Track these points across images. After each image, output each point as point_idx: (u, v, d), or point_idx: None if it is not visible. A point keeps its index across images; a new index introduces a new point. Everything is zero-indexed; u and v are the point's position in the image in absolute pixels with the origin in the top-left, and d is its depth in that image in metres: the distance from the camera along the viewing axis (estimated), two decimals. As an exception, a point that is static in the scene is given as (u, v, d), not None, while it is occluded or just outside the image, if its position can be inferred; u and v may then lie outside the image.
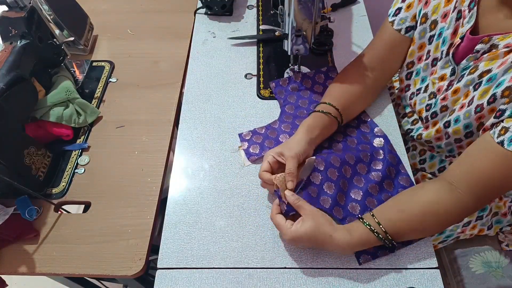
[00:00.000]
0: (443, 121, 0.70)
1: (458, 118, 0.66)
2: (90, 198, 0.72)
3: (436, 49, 0.71)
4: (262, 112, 0.83)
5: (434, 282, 0.61)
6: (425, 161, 0.81)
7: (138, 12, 1.08)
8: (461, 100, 0.66)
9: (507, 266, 0.80)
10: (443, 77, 0.69)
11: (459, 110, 0.66)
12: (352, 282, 0.61)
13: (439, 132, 0.72)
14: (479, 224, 0.81)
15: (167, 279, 0.62)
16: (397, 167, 0.73)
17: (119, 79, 0.92)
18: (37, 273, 0.65)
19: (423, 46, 0.74)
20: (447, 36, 0.67)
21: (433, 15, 0.70)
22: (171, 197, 0.71)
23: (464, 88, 0.65)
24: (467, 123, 0.65)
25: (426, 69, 0.74)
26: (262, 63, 0.93)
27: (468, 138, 0.67)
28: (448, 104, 0.69)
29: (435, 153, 0.79)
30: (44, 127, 0.77)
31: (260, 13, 1.05)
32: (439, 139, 0.73)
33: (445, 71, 0.69)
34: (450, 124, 0.68)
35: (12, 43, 0.71)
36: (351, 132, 0.79)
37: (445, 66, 0.69)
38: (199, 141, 0.79)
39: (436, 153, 0.79)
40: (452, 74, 0.67)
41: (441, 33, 0.69)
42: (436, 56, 0.71)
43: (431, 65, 0.73)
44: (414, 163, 0.83)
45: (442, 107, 0.70)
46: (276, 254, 0.64)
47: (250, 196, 0.71)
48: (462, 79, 0.65)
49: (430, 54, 0.72)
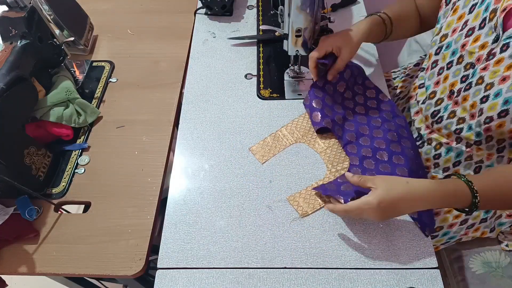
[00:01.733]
0: (479, 96, 0.66)
1: (500, 92, 0.62)
2: (90, 198, 0.72)
3: (476, 18, 0.68)
4: (262, 112, 0.83)
5: (434, 282, 0.61)
6: (440, 156, 0.78)
7: (138, 12, 1.08)
8: (501, 73, 0.62)
9: (507, 266, 0.80)
10: (484, 46, 0.66)
11: (500, 83, 0.62)
12: (352, 282, 0.61)
13: (473, 107, 0.67)
14: (482, 226, 0.81)
15: (167, 279, 0.62)
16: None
17: (119, 79, 0.92)
18: (37, 273, 0.65)
19: (462, 16, 0.72)
20: (491, 1, 0.65)
21: None
22: (171, 197, 0.71)
23: (508, 59, 0.61)
24: (507, 98, 0.61)
25: (459, 40, 0.71)
26: (262, 63, 0.93)
27: (501, 118, 0.63)
28: (485, 76, 0.65)
29: (454, 144, 0.75)
30: (44, 127, 0.77)
31: (260, 13, 1.05)
32: (473, 116, 0.68)
33: (487, 39, 0.65)
34: (488, 99, 0.64)
35: (12, 43, 0.71)
36: (373, 113, 0.82)
37: (489, 34, 0.65)
38: (199, 141, 0.79)
39: (455, 145, 0.75)
40: (494, 41, 0.64)
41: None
42: (473, 25, 0.68)
43: (465, 35, 0.70)
44: (427, 159, 0.80)
45: (479, 79, 0.66)
46: (276, 254, 0.64)
47: (250, 196, 0.71)
48: (507, 49, 0.61)
49: (467, 24, 0.70)
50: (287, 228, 0.67)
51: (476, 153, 0.73)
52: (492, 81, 0.64)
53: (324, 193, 0.68)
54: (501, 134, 0.66)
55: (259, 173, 0.73)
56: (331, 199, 0.66)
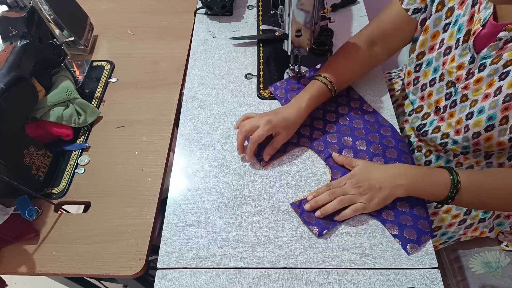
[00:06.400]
0: (465, 112, 0.68)
1: (483, 109, 0.64)
2: (90, 198, 0.72)
3: (451, 37, 0.69)
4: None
5: (434, 282, 0.61)
6: (431, 162, 0.80)
7: (138, 12, 1.08)
8: (483, 90, 0.64)
9: (507, 266, 0.80)
10: (461, 66, 0.67)
11: (483, 100, 0.64)
12: (352, 282, 0.61)
13: (459, 123, 0.69)
14: (481, 226, 0.81)
15: (167, 279, 0.62)
16: (410, 155, 0.75)
17: (119, 79, 0.92)
18: (37, 273, 0.65)
19: (436, 35, 0.73)
20: (463, 23, 0.66)
21: (450, 2, 0.69)
22: (171, 197, 0.71)
23: (487, 77, 0.63)
24: (491, 114, 0.63)
25: (439, 58, 0.72)
26: (262, 63, 0.93)
27: (488, 132, 0.65)
28: (468, 93, 0.66)
29: (442, 153, 0.77)
30: (44, 127, 0.77)
31: (260, 13, 1.05)
32: (458, 132, 0.70)
33: (463, 60, 0.67)
34: (473, 115, 0.66)
35: (12, 43, 0.71)
36: (357, 124, 0.79)
37: (463, 54, 0.67)
38: (199, 141, 0.79)
39: (443, 153, 0.77)
40: (471, 62, 0.65)
41: (456, 20, 0.68)
42: (450, 44, 0.69)
43: (443, 54, 0.71)
44: (418, 164, 0.82)
45: (462, 96, 0.68)
46: (276, 254, 0.64)
47: (250, 196, 0.71)
48: (484, 68, 0.63)
49: (443, 43, 0.71)
50: (287, 228, 0.67)
51: (464, 161, 0.75)
52: (476, 98, 0.66)
53: (301, 216, 0.67)
54: (489, 147, 0.67)
55: (259, 173, 0.73)
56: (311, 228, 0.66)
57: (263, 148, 0.73)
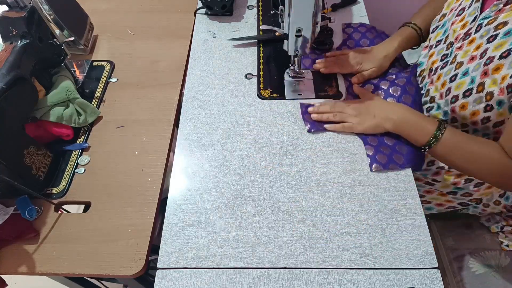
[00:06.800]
0: (450, 75, 0.69)
1: (467, 71, 0.65)
2: (90, 198, 0.72)
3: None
4: (262, 112, 0.83)
5: (434, 282, 0.61)
6: None
7: (138, 12, 1.08)
8: (470, 52, 0.65)
9: (507, 266, 0.80)
10: (465, 25, 0.69)
11: (469, 62, 0.65)
12: (352, 282, 0.61)
13: (443, 86, 0.71)
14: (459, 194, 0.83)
15: (167, 279, 0.62)
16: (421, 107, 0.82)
17: (119, 79, 0.92)
18: (37, 273, 0.65)
19: None
20: None
21: None
22: (171, 197, 0.71)
23: (479, 39, 0.64)
24: (473, 77, 0.64)
25: (451, 19, 0.74)
26: (262, 63, 0.93)
27: (465, 98, 0.66)
28: (458, 55, 0.68)
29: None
30: (44, 127, 0.77)
31: (260, 13, 1.05)
32: (441, 96, 0.73)
33: (468, 19, 0.68)
34: (456, 77, 0.67)
35: (12, 43, 0.71)
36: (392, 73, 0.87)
37: (471, 13, 0.68)
38: (199, 141, 0.79)
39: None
40: (472, 21, 0.66)
41: None
42: (465, 5, 0.70)
43: (456, 14, 0.72)
44: None
45: (453, 58, 0.69)
46: (276, 254, 0.64)
47: (250, 196, 0.71)
48: (480, 29, 0.64)
49: (460, 4, 0.72)
50: (287, 228, 0.67)
51: None
52: (462, 60, 0.67)
53: (303, 114, 0.80)
54: (464, 118, 0.68)
55: (259, 173, 0.73)
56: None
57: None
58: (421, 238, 0.65)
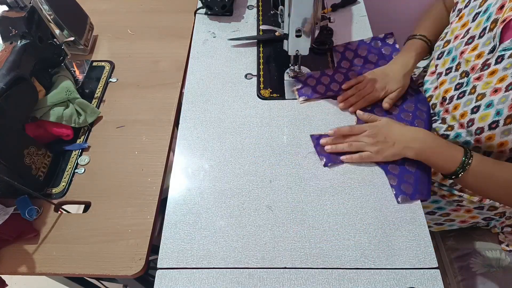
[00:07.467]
0: (470, 106, 0.67)
1: (491, 103, 0.63)
2: (90, 198, 0.72)
3: (477, 27, 0.68)
4: (262, 112, 0.83)
5: (434, 282, 0.61)
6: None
7: (138, 12, 1.08)
8: (493, 84, 0.63)
9: (507, 266, 0.80)
10: (480, 55, 0.66)
11: (492, 94, 0.63)
12: (352, 282, 0.61)
13: (463, 117, 0.68)
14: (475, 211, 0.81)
15: (167, 279, 0.62)
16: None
17: (119, 79, 0.92)
18: (37, 273, 0.65)
19: (466, 24, 0.73)
20: (493, 11, 0.65)
21: None
22: (171, 197, 0.71)
23: (502, 71, 0.62)
24: (499, 109, 0.62)
25: (459, 47, 0.72)
26: (262, 63, 0.93)
27: (491, 130, 0.64)
28: (478, 86, 0.65)
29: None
30: (44, 127, 0.77)
31: (260, 13, 1.05)
32: (462, 125, 0.70)
33: (484, 49, 0.66)
34: (479, 109, 0.65)
35: (13, 43, 0.71)
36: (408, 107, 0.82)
37: (486, 43, 0.66)
38: (199, 141, 0.79)
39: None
40: (490, 52, 0.64)
41: (487, 9, 0.67)
42: (474, 34, 0.69)
43: (465, 43, 0.71)
44: None
45: (472, 88, 0.67)
46: (276, 254, 0.64)
47: (250, 196, 0.71)
48: (501, 61, 0.62)
49: (468, 32, 0.70)
50: (287, 228, 0.67)
51: None
52: (484, 91, 0.65)
53: (315, 147, 0.75)
54: (489, 147, 0.67)
55: (259, 173, 0.73)
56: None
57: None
58: (421, 238, 0.65)
